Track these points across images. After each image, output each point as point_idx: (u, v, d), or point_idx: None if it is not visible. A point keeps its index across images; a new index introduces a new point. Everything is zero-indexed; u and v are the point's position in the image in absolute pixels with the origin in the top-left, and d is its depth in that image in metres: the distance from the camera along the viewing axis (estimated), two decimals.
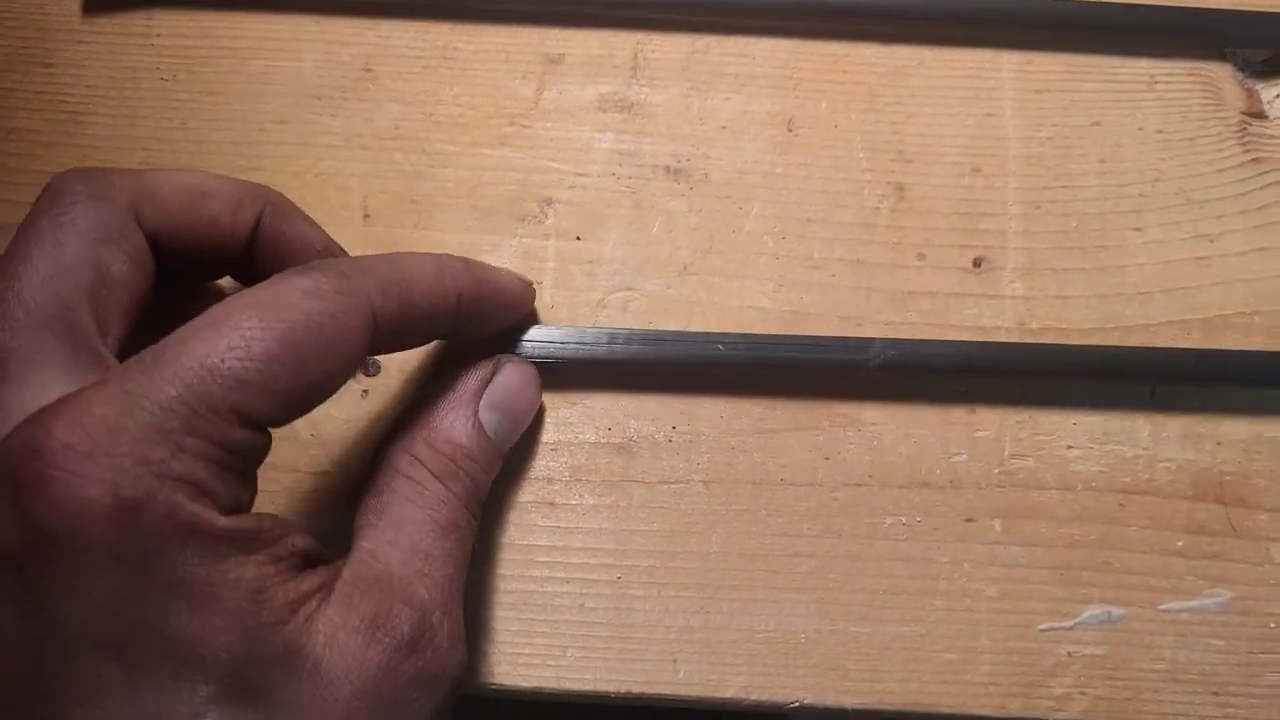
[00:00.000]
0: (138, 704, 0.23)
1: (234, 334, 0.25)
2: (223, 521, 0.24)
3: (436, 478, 0.30)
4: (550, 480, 0.35)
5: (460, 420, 0.31)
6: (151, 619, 0.23)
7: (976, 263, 0.37)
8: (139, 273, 0.29)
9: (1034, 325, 0.36)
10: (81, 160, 0.37)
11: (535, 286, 0.36)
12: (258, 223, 0.31)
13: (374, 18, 0.38)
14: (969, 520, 0.35)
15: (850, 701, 0.34)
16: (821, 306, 0.36)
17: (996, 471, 0.35)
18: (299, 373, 0.26)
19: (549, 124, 0.38)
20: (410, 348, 0.32)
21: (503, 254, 0.37)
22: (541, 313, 0.36)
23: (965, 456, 0.35)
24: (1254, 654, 0.34)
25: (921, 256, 0.37)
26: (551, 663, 0.34)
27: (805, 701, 0.34)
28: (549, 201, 0.37)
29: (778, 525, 0.35)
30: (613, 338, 0.34)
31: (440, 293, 0.30)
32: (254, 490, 0.27)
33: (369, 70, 0.38)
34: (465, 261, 0.31)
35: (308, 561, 0.27)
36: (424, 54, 0.38)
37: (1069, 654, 0.34)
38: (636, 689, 0.34)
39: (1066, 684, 0.34)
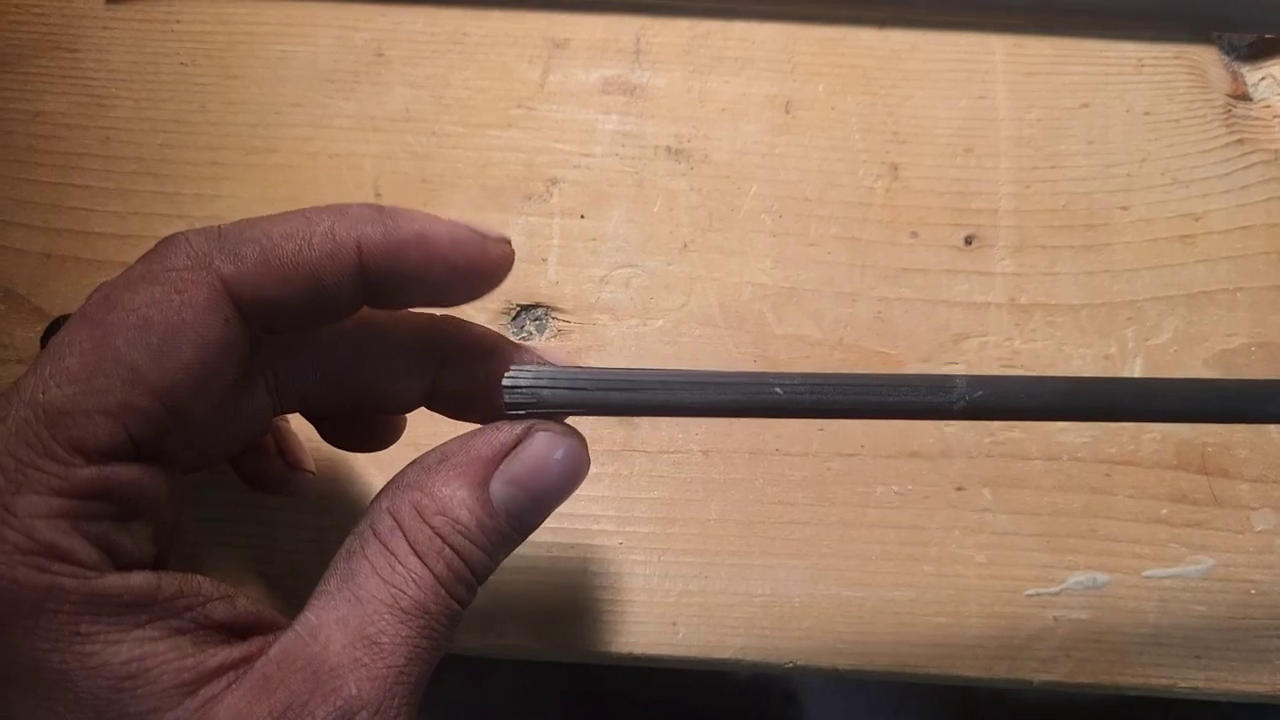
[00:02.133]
0: None
1: (55, 357, 0.21)
2: (90, 586, 0.20)
3: (414, 552, 0.23)
4: None
5: (461, 490, 0.24)
6: None
7: (968, 240, 0.36)
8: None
9: (1023, 300, 0.36)
10: (104, 141, 0.37)
11: (508, 244, 0.25)
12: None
13: (386, 3, 0.38)
14: (959, 489, 0.35)
15: (842, 663, 0.34)
16: (817, 283, 0.36)
17: (986, 442, 0.35)
18: (132, 380, 0.21)
19: (554, 106, 0.37)
20: (319, 322, 0.24)
21: (509, 231, 0.36)
22: (546, 289, 0.36)
23: (955, 428, 0.35)
24: (1235, 619, 0.34)
25: (915, 234, 0.36)
26: (556, 625, 0.34)
27: (799, 663, 0.34)
28: (554, 181, 0.37)
29: (773, 494, 0.35)
30: (664, 383, 0.25)
31: (326, 247, 0.22)
32: (151, 541, 0.22)
33: (381, 55, 0.38)
34: (378, 208, 0.24)
35: (232, 633, 0.22)
36: (434, 39, 0.38)
37: (1055, 618, 0.34)
38: (638, 650, 0.34)
39: (1052, 647, 0.34)
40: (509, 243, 0.25)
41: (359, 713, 0.21)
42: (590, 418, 0.34)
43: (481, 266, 0.25)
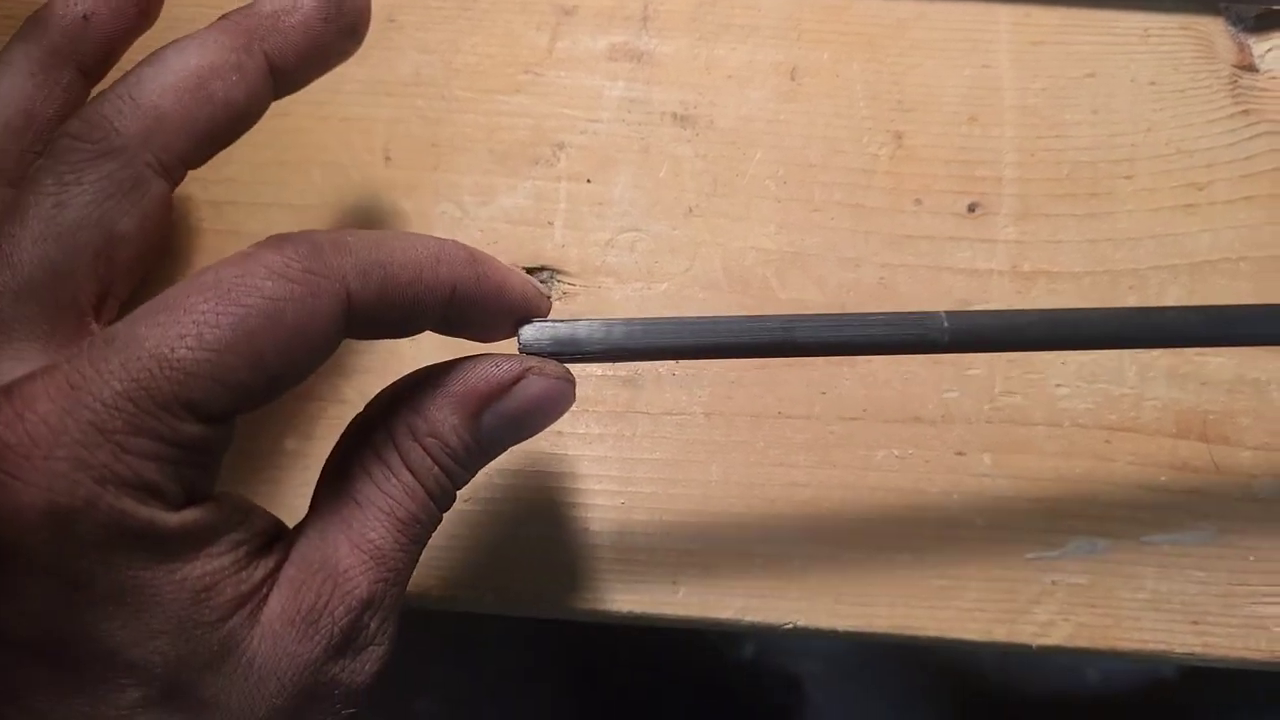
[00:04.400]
0: (68, 705, 0.21)
1: (187, 320, 0.21)
2: (173, 521, 0.22)
3: (409, 468, 0.24)
4: None
5: (456, 419, 0.25)
6: (84, 626, 0.21)
7: (971, 208, 0.35)
8: (149, 228, 0.27)
9: (1026, 268, 0.34)
10: None
11: (547, 292, 0.28)
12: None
13: None
14: (959, 454, 0.33)
15: (841, 624, 0.32)
16: (821, 248, 0.35)
17: (987, 408, 0.34)
18: (256, 364, 0.22)
19: (562, 72, 0.36)
20: (391, 337, 0.26)
21: (516, 196, 0.35)
22: (552, 252, 0.35)
23: (957, 393, 0.34)
24: (1233, 586, 0.32)
25: (918, 202, 0.35)
26: (558, 583, 0.33)
27: (799, 624, 0.33)
28: (561, 146, 0.36)
29: (775, 456, 0.33)
30: (679, 331, 0.27)
31: (431, 283, 0.24)
32: (215, 477, 0.24)
33: (393, 20, 0.37)
34: (470, 253, 0.25)
35: (268, 541, 0.24)
36: (445, 5, 0.37)
37: (1054, 582, 0.33)
38: (639, 609, 0.33)
39: (1051, 611, 0.32)
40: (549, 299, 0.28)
41: (368, 612, 0.24)
42: (593, 383, 0.33)
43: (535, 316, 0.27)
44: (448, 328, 0.26)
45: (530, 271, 0.35)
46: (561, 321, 0.27)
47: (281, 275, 0.22)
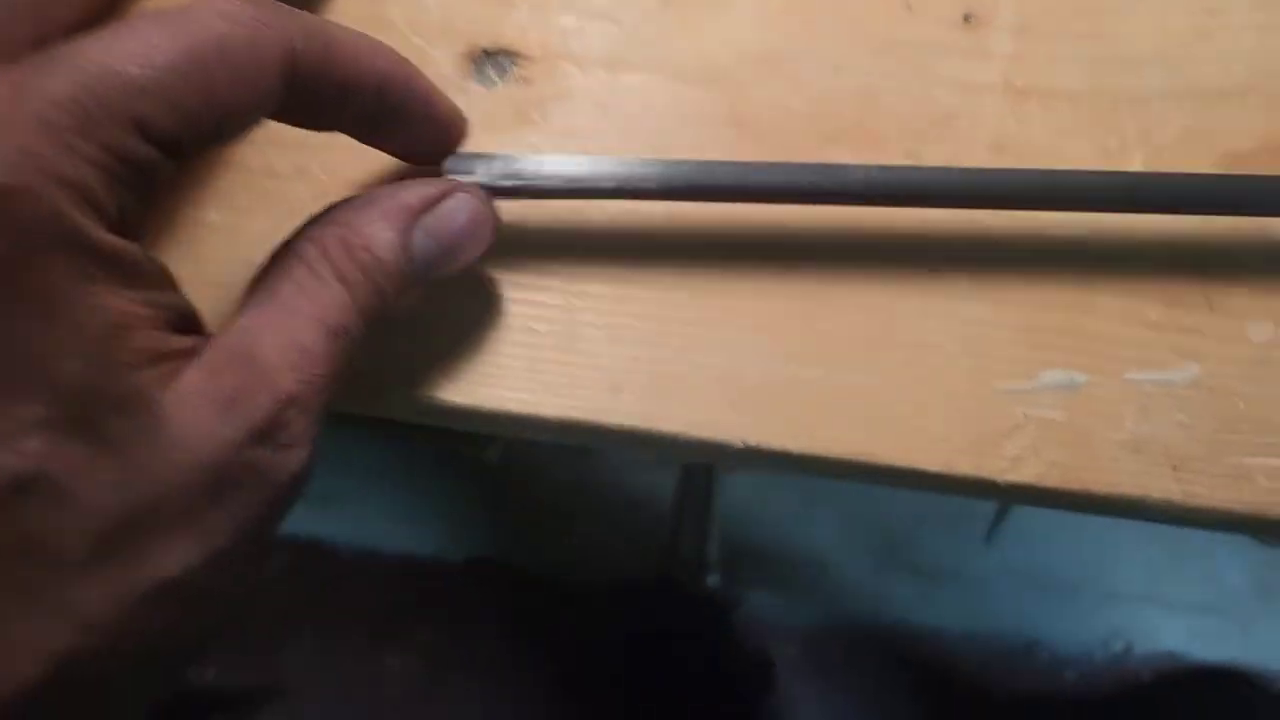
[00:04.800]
0: None
1: (135, 42, 0.21)
2: (105, 240, 0.21)
3: (340, 279, 0.25)
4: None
5: (386, 232, 0.25)
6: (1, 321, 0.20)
7: (966, 18, 0.32)
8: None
9: (1019, 84, 0.32)
10: None
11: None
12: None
13: None
14: (934, 272, 0.31)
15: (795, 446, 0.30)
16: (801, 50, 0.32)
17: (968, 225, 0.31)
18: (207, 93, 0.22)
19: None
20: (315, 126, 0.26)
21: None
22: (512, 34, 0.32)
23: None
24: (1219, 433, 0.30)
25: (909, 7, 0.32)
26: (492, 382, 0.30)
27: (749, 443, 0.30)
28: None
29: (736, 264, 0.31)
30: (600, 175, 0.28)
31: (367, 67, 0.25)
32: (143, 224, 0.24)
33: None
34: (404, 58, 0.26)
35: (185, 323, 0.23)
36: None
37: (1025, 416, 0.30)
38: (576, 414, 0.30)
39: (1021, 446, 0.30)
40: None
41: (291, 407, 0.23)
42: None
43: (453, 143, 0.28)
44: (371, 128, 0.27)
45: (487, 54, 0.32)
46: (495, 155, 0.28)
47: (230, 18, 0.22)
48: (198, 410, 0.22)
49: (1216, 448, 0.30)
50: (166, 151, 0.22)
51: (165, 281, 0.23)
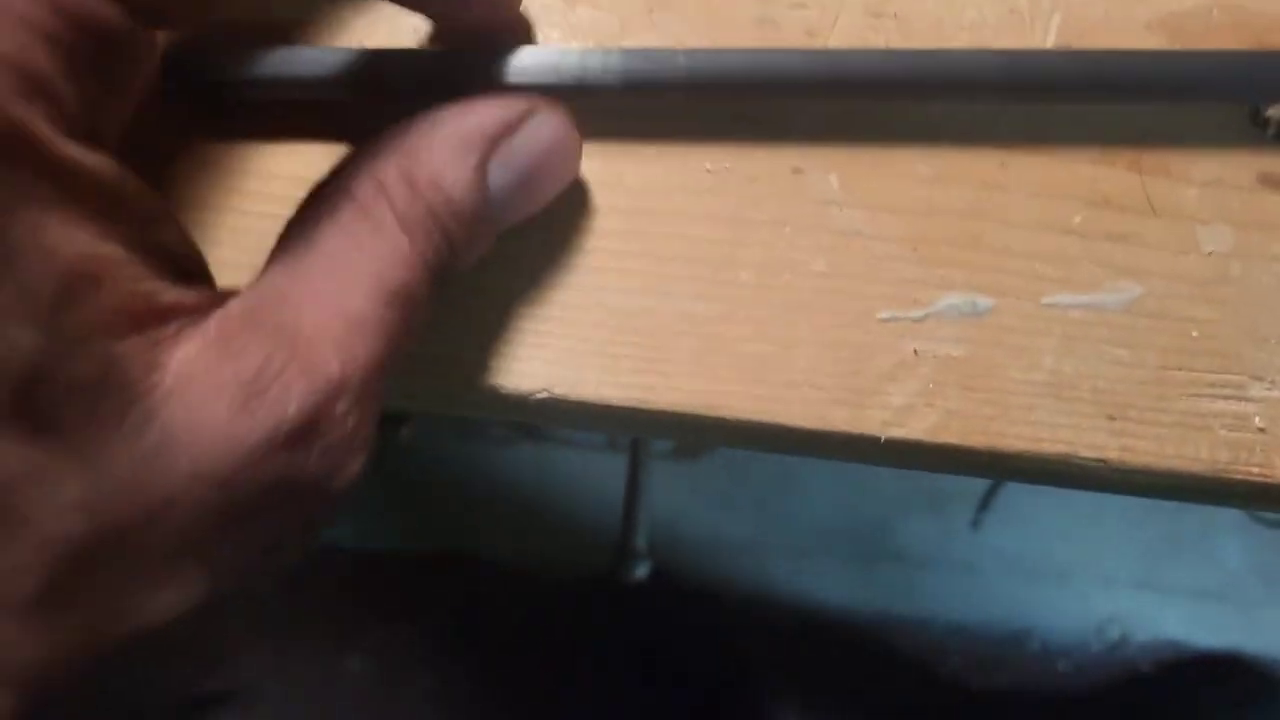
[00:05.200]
0: None
1: None
2: (62, 146, 0.15)
3: (401, 224, 0.18)
4: None
5: (459, 163, 0.19)
6: None
7: None
8: None
9: None
10: None
11: None
12: None
13: None
14: (796, 171, 0.24)
15: (613, 395, 0.23)
16: None
17: (839, 111, 0.24)
18: None
19: None
20: None
21: None
22: None
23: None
24: (1166, 369, 0.23)
25: None
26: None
27: (554, 392, 0.23)
28: None
29: None
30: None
31: None
32: (118, 130, 0.17)
33: None
34: None
35: (180, 270, 0.17)
36: None
37: (915, 352, 0.23)
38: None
39: (910, 392, 0.23)
40: None
41: (340, 398, 0.17)
42: None
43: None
44: None
45: None
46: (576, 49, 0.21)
47: None
48: (205, 399, 0.16)
49: (1162, 388, 0.23)
50: (136, 23, 0.16)
51: (155, 209, 0.17)
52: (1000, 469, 0.23)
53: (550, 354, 0.23)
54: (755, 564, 0.98)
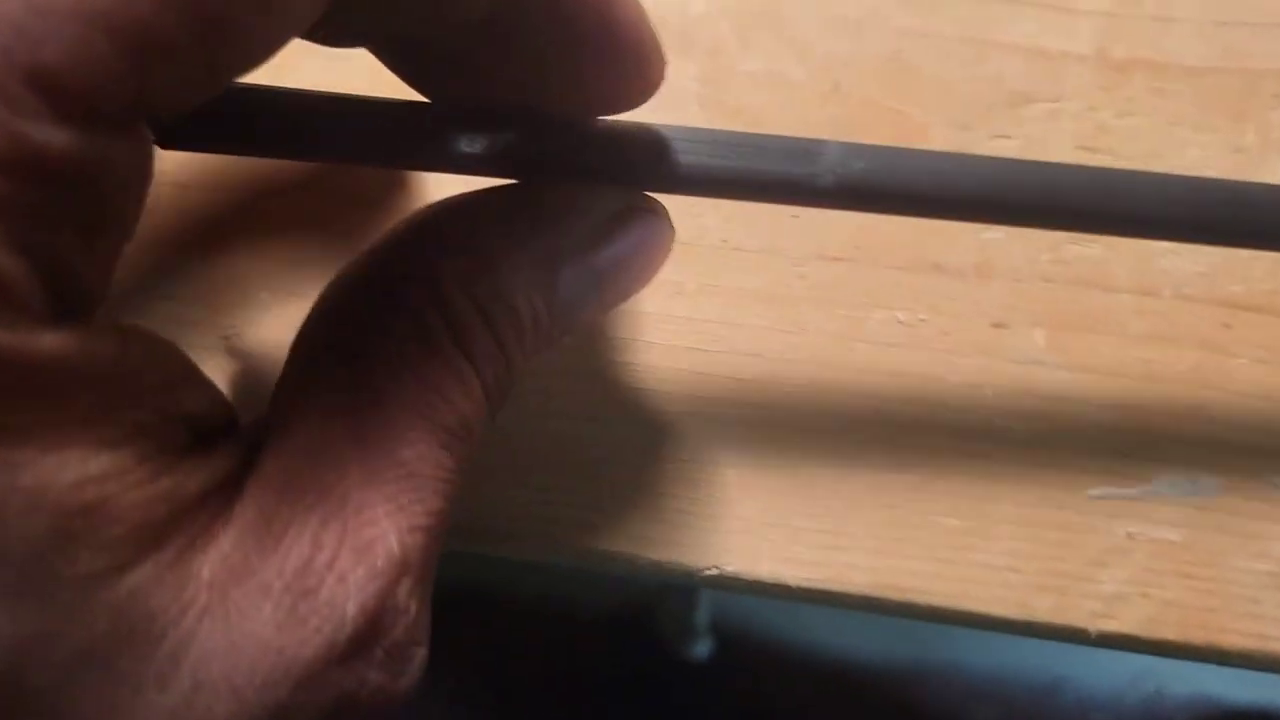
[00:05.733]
0: None
1: None
2: (32, 345, 0.11)
3: (459, 344, 0.15)
4: None
5: (531, 276, 0.16)
6: None
7: None
8: None
9: (1118, 55, 0.22)
10: None
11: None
12: None
13: None
14: (998, 326, 0.21)
15: (793, 576, 0.20)
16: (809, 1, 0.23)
17: (1045, 259, 0.21)
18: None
19: None
20: (389, 49, 0.16)
21: None
22: None
23: (1001, 233, 0.21)
24: None
25: None
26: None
27: (725, 569, 0.21)
28: None
29: (715, 306, 0.21)
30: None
31: None
32: (105, 278, 0.12)
33: None
34: None
35: (207, 429, 0.14)
36: None
37: (1130, 536, 0.21)
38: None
39: (1121, 579, 0.20)
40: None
41: (402, 580, 0.14)
42: None
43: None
44: (494, 45, 0.15)
45: None
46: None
47: None
48: (245, 608, 0.13)
49: None
50: (110, 128, 0.11)
51: (168, 374, 0.13)
52: (1222, 661, 0.21)
53: (728, 518, 0.20)
54: (789, 610, 0.97)
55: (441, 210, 0.16)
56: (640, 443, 0.20)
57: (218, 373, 0.20)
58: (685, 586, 0.63)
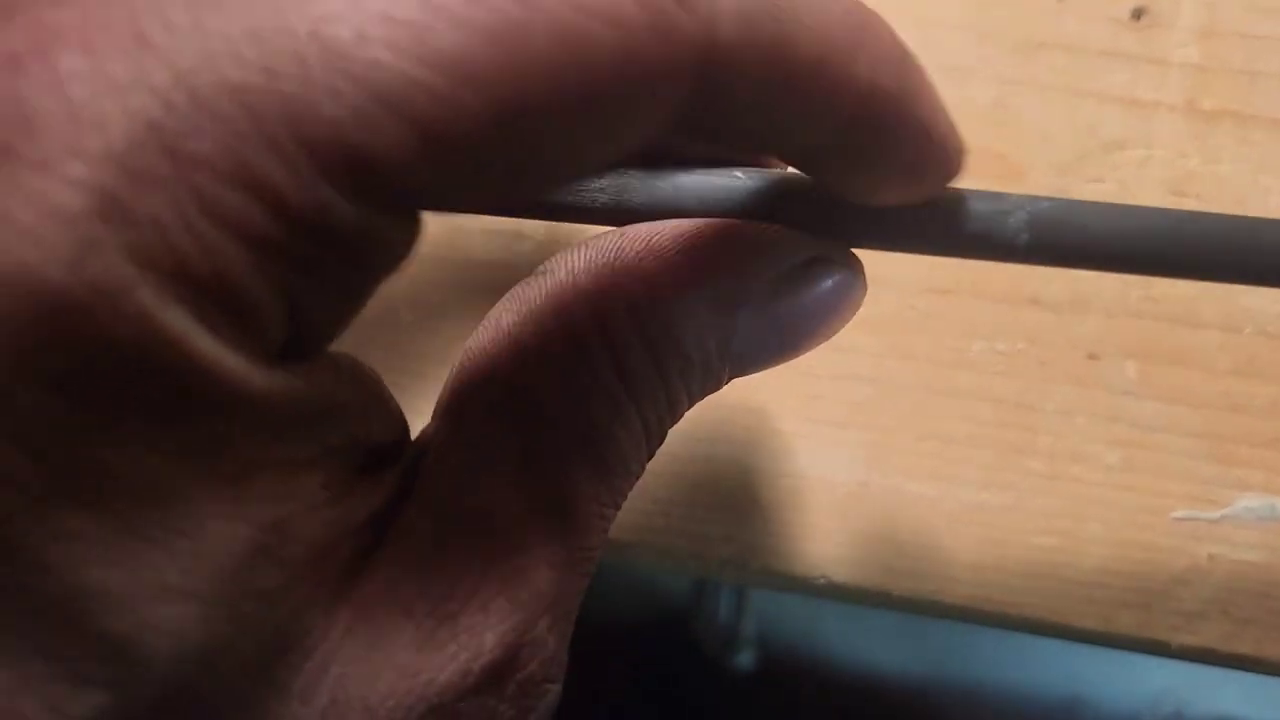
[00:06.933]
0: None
1: None
2: (257, 384, 0.11)
3: (620, 376, 0.14)
4: None
5: (713, 319, 0.15)
6: (31, 553, 0.11)
7: (1136, 14, 0.24)
8: None
9: (1207, 105, 0.24)
10: None
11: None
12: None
13: None
14: (1091, 357, 0.23)
15: (896, 588, 0.22)
16: (916, 49, 0.24)
17: (1137, 295, 0.23)
18: (519, 111, 0.11)
19: None
20: (741, 157, 0.15)
21: None
22: None
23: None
24: None
25: None
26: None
27: (832, 579, 0.22)
28: None
29: None
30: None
31: (842, 76, 0.12)
32: (336, 330, 0.13)
33: None
34: (898, 41, 0.14)
35: (382, 451, 0.14)
36: None
37: (1210, 557, 0.22)
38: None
39: (1203, 598, 0.22)
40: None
41: (540, 619, 0.14)
42: None
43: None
44: (816, 159, 0.14)
45: None
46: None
47: None
48: (387, 629, 0.13)
49: None
50: (394, 207, 0.11)
51: (364, 402, 0.13)
52: None
53: (839, 535, 0.22)
54: (806, 619, 0.97)
55: (624, 238, 0.15)
56: (756, 460, 0.22)
57: None
58: (733, 595, 0.64)
